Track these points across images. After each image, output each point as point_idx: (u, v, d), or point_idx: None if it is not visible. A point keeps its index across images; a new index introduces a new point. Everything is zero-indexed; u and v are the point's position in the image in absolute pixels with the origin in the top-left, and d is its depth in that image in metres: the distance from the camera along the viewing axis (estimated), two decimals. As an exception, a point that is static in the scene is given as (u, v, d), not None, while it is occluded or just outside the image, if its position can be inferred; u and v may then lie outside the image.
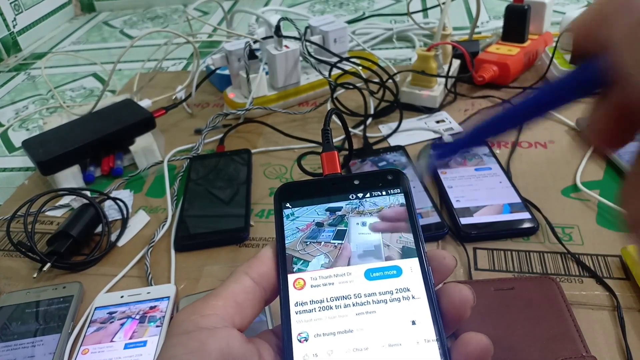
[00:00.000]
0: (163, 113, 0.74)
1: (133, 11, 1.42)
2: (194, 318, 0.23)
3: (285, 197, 0.29)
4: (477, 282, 0.45)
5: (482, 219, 0.51)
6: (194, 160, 0.67)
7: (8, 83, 1.06)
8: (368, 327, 0.24)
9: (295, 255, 0.26)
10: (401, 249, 0.26)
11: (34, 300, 0.49)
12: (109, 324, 0.46)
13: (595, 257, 0.47)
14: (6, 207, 0.65)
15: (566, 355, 0.38)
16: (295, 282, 0.25)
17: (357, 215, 0.27)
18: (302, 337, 0.24)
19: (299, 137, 0.69)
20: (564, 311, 0.41)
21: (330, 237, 0.27)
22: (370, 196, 0.28)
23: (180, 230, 0.56)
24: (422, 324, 0.23)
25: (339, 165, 0.31)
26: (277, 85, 0.76)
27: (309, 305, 0.25)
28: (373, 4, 1.22)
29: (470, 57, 0.73)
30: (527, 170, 0.59)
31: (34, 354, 0.44)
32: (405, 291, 0.25)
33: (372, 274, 0.25)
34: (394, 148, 0.64)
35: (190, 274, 0.51)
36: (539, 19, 0.80)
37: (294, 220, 0.28)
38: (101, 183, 0.67)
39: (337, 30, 0.78)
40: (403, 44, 0.98)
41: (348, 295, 0.25)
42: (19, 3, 1.22)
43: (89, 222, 0.56)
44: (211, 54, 0.90)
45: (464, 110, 0.72)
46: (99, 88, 0.97)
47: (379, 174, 0.29)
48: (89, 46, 1.22)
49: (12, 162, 0.77)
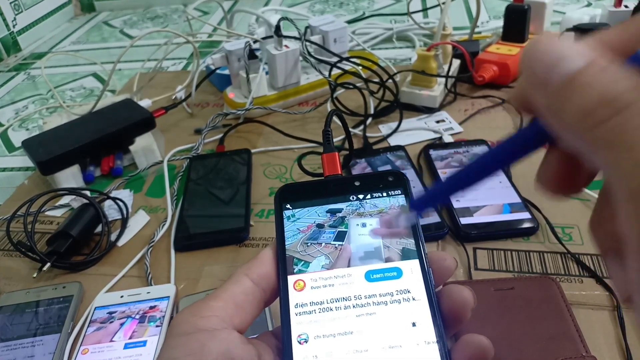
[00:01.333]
0: (163, 113, 0.74)
1: (133, 11, 1.42)
2: (193, 319, 0.23)
3: (286, 198, 0.28)
4: (477, 282, 0.45)
5: (482, 219, 0.51)
6: (194, 160, 0.67)
7: (8, 83, 1.06)
8: (368, 328, 0.24)
9: (295, 256, 0.26)
10: (401, 250, 0.26)
11: (33, 300, 0.49)
12: (108, 324, 0.46)
13: (595, 257, 0.47)
14: (6, 207, 0.65)
15: (566, 355, 0.38)
16: (296, 283, 0.25)
17: (357, 216, 0.27)
18: (302, 339, 0.24)
19: (299, 137, 0.69)
20: (564, 311, 0.41)
21: (330, 238, 0.27)
22: (371, 198, 0.28)
23: (180, 230, 0.56)
24: (422, 325, 0.23)
25: (339, 167, 0.31)
26: (277, 85, 0.76)
27: (309, 306, 0.25)
28: (373, 3, 1.22)
29: (470, 57, 0.73)
30: (527, 170, 0.59)
31: (33, 354, 0.44)
32: (406, 293, 0.24)
33: (372, 276, 0.25)
34: (394, 148, 0.64)
35: (190, 274, 0.51)
36: (539, 19, 0.80)
37: (295, 221, 0.28)
38: (101, 183, 0.67)
39: (337, 30, 0.78)
40: (403, 44, 0.98)
41: (348, 297, 0.25)
42: (19, 3, 1.22)
43: (89, 222, 0.56)
44: (211, 54, 0.90)
45: (464, 110, 0.72)
46: (99, 88, 0.97)
47: (379, 176, 0.29)
48: (89, 46, 1.22)
49: (12, 162, 0.77)
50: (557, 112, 0.15)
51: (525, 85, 0.17)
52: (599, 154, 0.15)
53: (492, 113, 0.71)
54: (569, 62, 0.15)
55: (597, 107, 0.14)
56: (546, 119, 0.16)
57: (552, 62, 0.15)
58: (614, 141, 0.14)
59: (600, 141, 0.14)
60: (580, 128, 0.15)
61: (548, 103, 0.16)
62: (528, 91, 0.17)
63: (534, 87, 0.16)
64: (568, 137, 0.16)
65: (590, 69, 0.15)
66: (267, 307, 0.26)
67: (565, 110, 0.15)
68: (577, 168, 0.18)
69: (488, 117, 0.70)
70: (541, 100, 0.16)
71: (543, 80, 0.16)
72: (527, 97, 0.17)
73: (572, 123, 0.15)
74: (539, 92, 0.16)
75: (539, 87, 0.16)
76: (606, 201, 0.18)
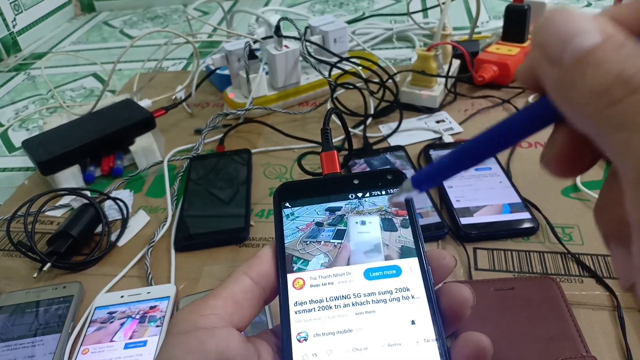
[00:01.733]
0: (163, 113, 0.74)
1: (133, 11, 1.42)
2: (192, 318, 0.23)
3: (285, 196, 0.29)
4: (477, 282, 0.45)
5: (482, 219, 0.51)
6: (194, 160, 0.67)
7: (8, 83, 1.06)
8: (367, 326, 0.24)
9: (294, 254, 0.26)
10: (400, 248, 0.26)
11: (34, 300, 0.49)
12: (109, 324, 0.46)
13: (596, 257, 0.47)
14: (6, 207, 0.65)
15: (566, 355, 0.38)
16: (295, 281, 0.25)
17: (356, 214, 0.27)
18: (302, 337, 0.24)
19: (299, 137, 0.69)
20: (564, 311, 0.41)
21: (330, 236, 0.27)
22: (370, 196, 0.28)
23: (180, 230, 0.56)
24: (421, 323, 0.23)
25: (338, 165, 0.31)
26: (277, 85, 0.76)
27: (309, 304, 0.25)
28: (373, 4, 1.22)
29: (470, 57, 0.73)
30: (527, 170, 0.59)
31: (34, 354, 0.44)
32: (405, 291, 0.25)
33: (371, 274, 0.25)
34: (394, 148, 0.64)
35: (190, 274, 0.51)
36: (539, 19, 0.80)
37: (294, 219, 0.28)
38: (101, 183, 0.67)
39: (337, 30, 0.78)
40: (403, 44, 0.98)
41: (347, 295, 0.25)
42: (19, 3, 1.22)
43: (89, 222, 0.56)
44: (211, 54, 0.90)
45: (464, 110, 0.72)
46: (99, 88, 0.97)
47: (378, 174, 0.29)
48: (89, 46, 1.22)
49: (12, 162, 0.77)
50: (567, 90, 0.15)
51: (536, 60, 0.16)
52: (608, 135, 0.14)
53: (492, 113, 0.71)
54: (584, 37, 0.14)
55: (611, 86, 0.14)
56: (555, 98, 0.16)
57: (567, 37, 0.15)
58: (626, 122, 0.13)
59: (612, 122, 0.14)
60: (591, 107, 0.14)
61: (559, 80, 0.15)
62: (538, 67, 0.16)
63: (545, 62, 0.15)
64: (577, 117, 0.15)
65: (607, 45, 0.14)
66: (266, 305, 0.26)
67: (576, 88, 0.14)
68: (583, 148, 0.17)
69: (488, 117, 0.70)
70: (551, 77, 0.15)
71: (555, 55, 0.15)
72: (536, 73, 0.16)
73: (583, 102, 0.14)
74: (549, 68, 0.15)
75: (551, 62, 0.15)
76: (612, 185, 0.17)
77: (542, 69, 0.16)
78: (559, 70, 0.15)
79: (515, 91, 0.74)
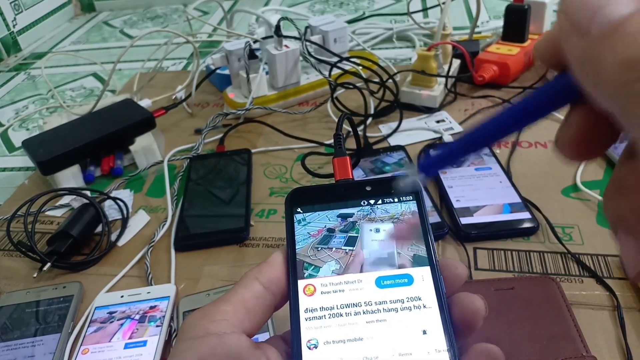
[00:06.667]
0: (163, 113, 0.74)
1: (133, 11, 1.42)
2: (203, 323, 0.23)
3: (297, 202, 0.28)
4: (477, 282, 0.45)
5: (482, 219, 0.51)
6: (194, 160, 0.67)
7: (8, 83, 1.06)
8: (378, 335, 0.23)
9: (306, 260, 0.26)
10: (412, 257, 0.26)
11: (34, 300, 0.49)
12: (109, 324, 0.45)
13: (596, 257, 0.47)
14: (6, 207, 0.65)
15: (566, 355, 0.38)
16: (306, 288, 0.25)
17: (368, 221, 0.27)
18: (312, 344, 0.24)
19: (299, 137, 0.69)
20: (564, 311, 0.41)
21: (341, 243, 0.26)
22: (382, 203, 0.28)
23: (180, 230, 0.56)
24: (433, 333, 0.23)
25: (350, 171, 0.31)
26: (277, 85, 0.76)
27: (319, 311, 0.24)
28: (373, 3, 1.22)
29: (470, 56, 0.73)
30: (527, 170, 0.59)
31: (34, 354, 0.44)
32: (417, 300, 0.24)
33: (383, 282, 0.25)
34: (394, 148, 0.64)
35: (190, 273, 0.51)
36: (539, 19, 0.80)
37: (305, 225, 0.27)
38: (101, 183, 0.67)
39: (337, 30, 0.78)
40: (403, 44, 0.98)
41: (358, 303, 0.24)
42: (19, 3, 1.22)
43: (89, 222, 0.56)
44: (211, 54, 0.90)
45: (464, 110, 0.72)
46: (99, 88, 0.97)
47: (391, 181, 0.28)
48: (89, 46, 1.22)
49: (12, 162, 0.77)
50: (594, 62, 0.14)
51: (559, 32, 0.15)
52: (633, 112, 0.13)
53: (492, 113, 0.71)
54: (615, 7, 0.13)
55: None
56: (578, 71, 0.15)
57: (596, 6, 0.14)
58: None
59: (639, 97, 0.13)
60: (618, 82, 0.13)
61: (585, 51, 0.14)
62: (562, 38, 0.15)
63: (571, 33, 0.15)
64: (600, 92, 0.14)
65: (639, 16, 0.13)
66: (276, 311, 0.26)
67: (604, 61, 0.14)
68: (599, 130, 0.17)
69: (488, 117, 0.70)
70: (577, 48, 0.15)
71: (583, 27, 0.14)
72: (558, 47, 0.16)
73: (609, 76, 0.13)
74: (575, 39, 0.14)
75: (577, 33, 0.14)
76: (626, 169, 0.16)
77: (566, 40, 0.15)
78: (586, 41, 0.14)
79: (516, 91, 0.74)
